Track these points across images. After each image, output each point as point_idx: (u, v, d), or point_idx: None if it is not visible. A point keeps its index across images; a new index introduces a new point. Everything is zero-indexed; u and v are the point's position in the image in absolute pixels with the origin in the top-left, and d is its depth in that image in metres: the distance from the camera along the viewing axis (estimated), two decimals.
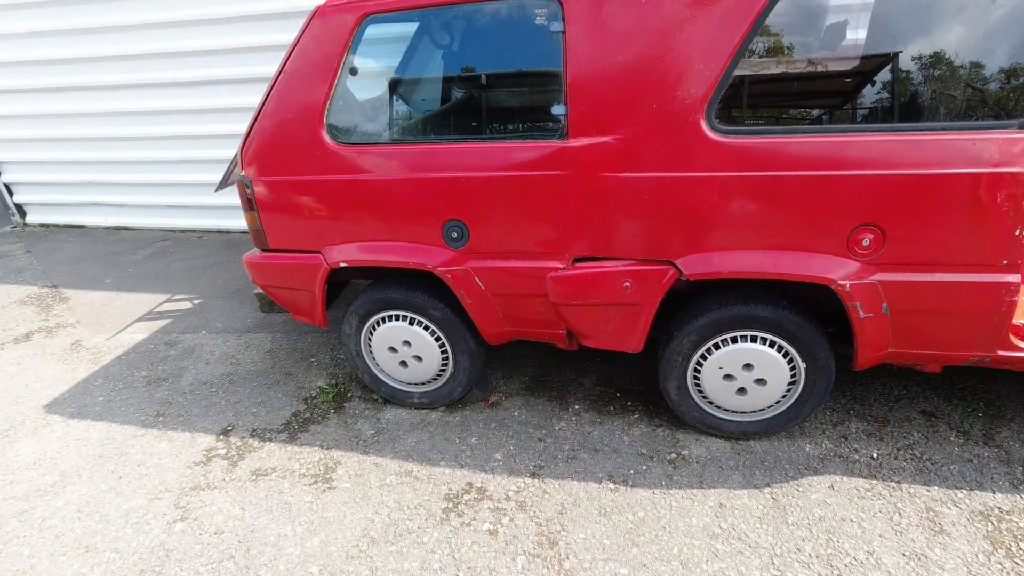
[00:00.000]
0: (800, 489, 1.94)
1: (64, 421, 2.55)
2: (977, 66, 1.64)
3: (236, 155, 2.83)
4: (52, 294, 3.84)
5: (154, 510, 2.04)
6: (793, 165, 1.68)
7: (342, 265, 2.13)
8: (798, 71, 1.94)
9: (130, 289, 3.81)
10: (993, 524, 1.77)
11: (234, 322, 3.29)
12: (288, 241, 2.21)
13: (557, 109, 1.81)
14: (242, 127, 4.19)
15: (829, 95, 2.08)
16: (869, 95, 1.97)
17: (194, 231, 4.76)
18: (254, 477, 2.16)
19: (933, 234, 1.64)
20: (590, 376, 2.58)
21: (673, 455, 2.12)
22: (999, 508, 1.82)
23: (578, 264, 1.95)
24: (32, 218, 5.25)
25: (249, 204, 2.20)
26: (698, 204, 1.77)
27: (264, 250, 2.29)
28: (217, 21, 3.93)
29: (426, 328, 2.24)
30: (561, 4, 1.73)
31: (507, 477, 2.08)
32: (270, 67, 3.93)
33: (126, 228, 4.95)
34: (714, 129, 1.72)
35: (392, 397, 2.45)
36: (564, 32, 1.75)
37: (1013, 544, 1.70)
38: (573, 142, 1.81)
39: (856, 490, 1.92)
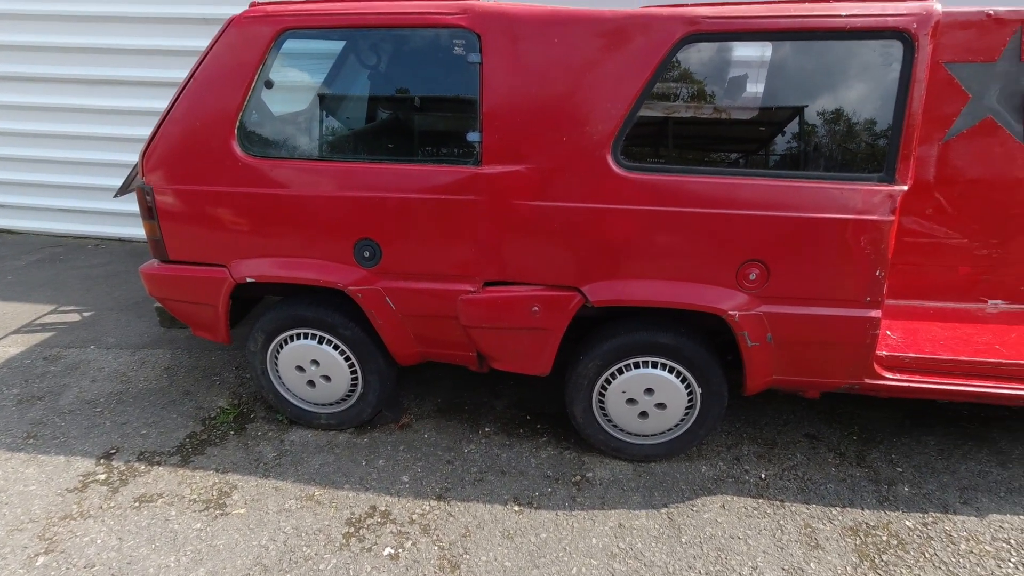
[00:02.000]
0: (695, 508, 2.04)
1: None
2: (848, 123, 1.84)
3: (138, 161, 2.69)
4: None
5: (13, 543, 1.84)
6: (690, 202, 1.81)
7: (248, 280, 2.05)
8: (699, 116, 2.09)
9: (8, 298, 3.47)
10: (861, 538, 1.93)
11: (130, 337, 3.07)
12: (191, 253, 2.11)
13: (472, 136, 1.86)
14: (145, 131, 3.98)
15: (727, 140, 2.26)
16: (758, 143, 2.16)
17: (91, 238, 4.42)
18: (137, 504, 2.00)
19: (808, 271, 1.81)
20: (503, 399, 2.61)
21: (578, 477, 2.17)
22: (867, 523, 1.98)
23: (488, 288, 1.99)
24: None
25: (149, 212, 2.08)
26: (603, 234, 1.86)
27: (163, 261, 2.16)
28: (125, 19, 3.73)
29: (335, 347, 2.19)
30: (479, 36, 1.80)
31: (412, 500, 2.04)
32: (177, 72, 3.77)
33: (9, 231, 4.52)
34: (620, 164, 1.82)
35: (298, 418, 2.36)
36: (481, 64, 1.81)
37: (877, 556, 1.86)
38: (487, 169, 1.86)
39: (745, 509, 2.04)
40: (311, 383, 2.26)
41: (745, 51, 2.57)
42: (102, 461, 2.20)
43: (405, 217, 1.92)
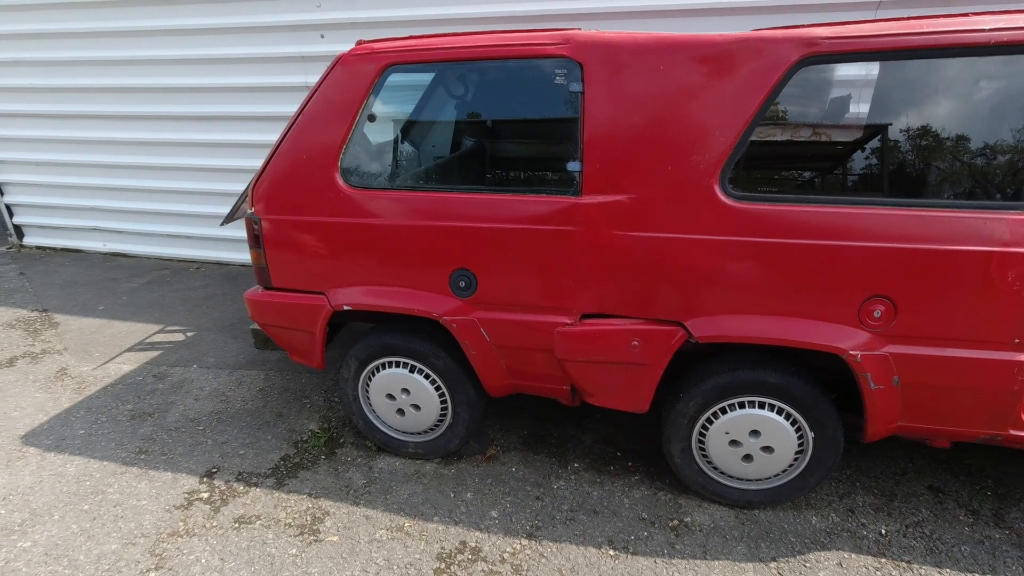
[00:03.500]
0: (807, 565, 1.87)
1: (40, 454, 2.45)
2: (989, 145, 1.67)
3: (245, 191, 2.84)
4: (41, 318, 3.76)
5: (127, 557, 1.93)
6: (804, 233, 1.69)
7: (346, 308, 2.09)
8: (815, 141, 1.97)
9: (123, 317, 3.74)
10: None
11: (227, 357, 3.22)
12: (292, 280, 2.18)
13: (572, 165, 1.83)
14: (247, 163, 4.23)
15: (846, 167, 2.11)
16: (882, 169, 2.00)
17: (192, 262, 4.72)
18: (237, 525, 2.05)
19: (944, 309, 1.64)
20: (590, 433, 2.52)
21: (675, 521, 2.04)
22: None
23: (586, 320, 1.93)
24: (30, 240, 5.20)
25: (256, 241, 2.18)
26: (709, 267, 1.77)
27: (267, 288, 2.25)
28: (231, 61, 4.01)
29: (426, 376, 2.19)
30: (581, 66, 1.78)
31: (503, 537, 1.99)
32: (280, 107, 4.00)
33: (124, 255, 4.91)
34: (727, 194, 1.73)
35: (386, 445, 2.37)
36: (583, 93, 1.78)
37: None
38: (587, 199, 1.82)
39: (865, 568, 1.85)
40: (400, 411, 2.27)
41: (860, 71, 2.41)
42: (204, 480, 2.28)
43: (502, 247, 1.90)
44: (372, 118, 2.00)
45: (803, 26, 1.66)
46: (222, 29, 3.96)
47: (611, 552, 1.92)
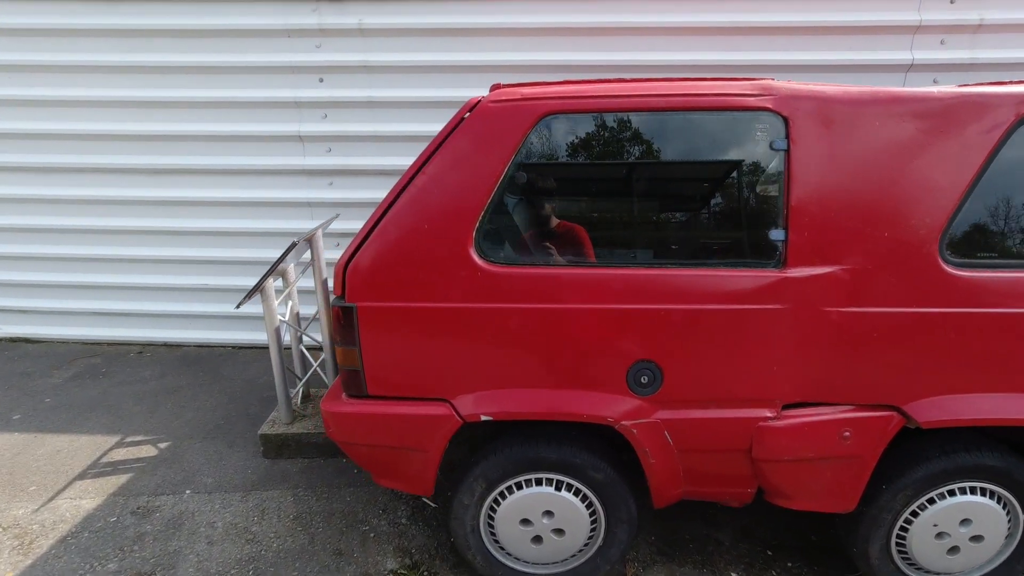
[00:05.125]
0: None
1: None
2: None
3: (274, 264, 2.27)
4: None
5: None
6: None
7: (484, 418, 1.63)
8: None
9: (55, 429, 2.84)
10: None
11: (229, 475, 2.50)
12: (401, 386, 1.68)
13: (775, 234, 1.56)
14: (199, 223, 3.51)
15: None
16: None
17: (131, 344, 3.82)
18: None
19: None
20: (725, 529, 2.19)
21: None
22: None
23: (788, 412, 1.64)
24: None
25: (349, 337, 1.66)
26: (933, 343, 1.57)
27: (357, 396, 1.72)
28: (191, 105, 3.35)
29: (575, 492, 1.76)
30: (786, 121, 1.54)
31: None
32: (259, 159, 3.40)
33: (29, 339, 3.86)
34: (948, 262, 1.55)
35: None
36: (788, 151, 1.54)
37: None
38: (793, 271, 1.56)
39: None
40: (537, 539, 1.80)
41: None
42: None
43: (693, 332, 1.58)
44: (520, 178, 1.61)
45: (1021, 82, 1.56)
46: (169, 68, 3.31)
47: None
